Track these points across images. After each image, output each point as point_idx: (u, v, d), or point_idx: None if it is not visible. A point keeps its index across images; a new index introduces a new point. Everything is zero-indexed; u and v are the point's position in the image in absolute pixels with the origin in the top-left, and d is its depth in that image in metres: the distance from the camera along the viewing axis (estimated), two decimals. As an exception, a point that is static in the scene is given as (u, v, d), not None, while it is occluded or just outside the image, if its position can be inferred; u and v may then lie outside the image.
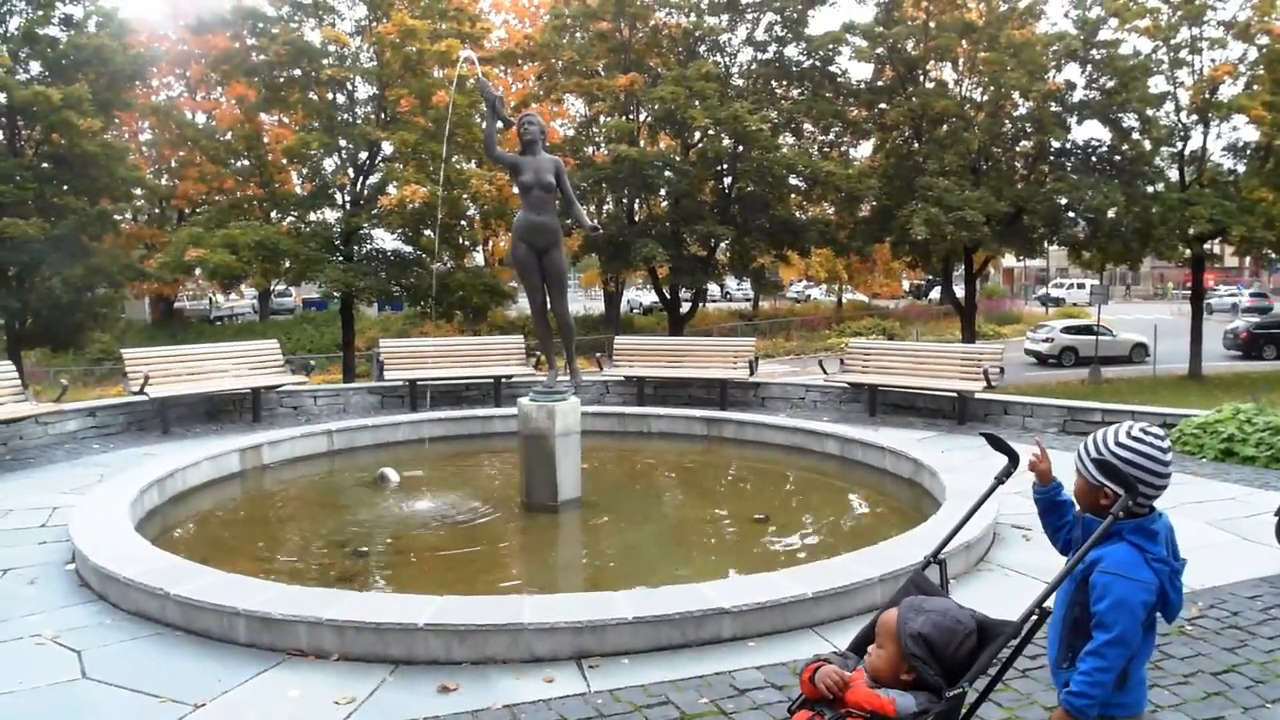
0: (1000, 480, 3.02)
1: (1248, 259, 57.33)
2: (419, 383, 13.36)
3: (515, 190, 8.49)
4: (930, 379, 12.84)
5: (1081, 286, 66.18)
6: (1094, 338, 31.58)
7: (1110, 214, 25.71)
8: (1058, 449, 10.57)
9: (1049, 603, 2.64)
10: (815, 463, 10.33)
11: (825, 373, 14.02)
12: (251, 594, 5.09)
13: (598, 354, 14.58)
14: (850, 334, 41.66)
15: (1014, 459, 3.02)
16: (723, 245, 25.95)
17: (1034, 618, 2.51)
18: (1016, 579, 6.01)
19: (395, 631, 4.67)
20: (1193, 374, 28.79)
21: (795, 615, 5.12)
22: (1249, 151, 26.95)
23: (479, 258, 34.06)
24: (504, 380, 13.55)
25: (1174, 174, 27.53)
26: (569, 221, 9.75)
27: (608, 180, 24.35)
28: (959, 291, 29.90)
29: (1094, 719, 2.57)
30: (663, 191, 25.72)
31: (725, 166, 25.72)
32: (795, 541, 7.40)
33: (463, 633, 4.63)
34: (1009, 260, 51.81)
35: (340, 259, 22.59)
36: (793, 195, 26.19)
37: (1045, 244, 29.40)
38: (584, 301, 51.10)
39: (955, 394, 12.48)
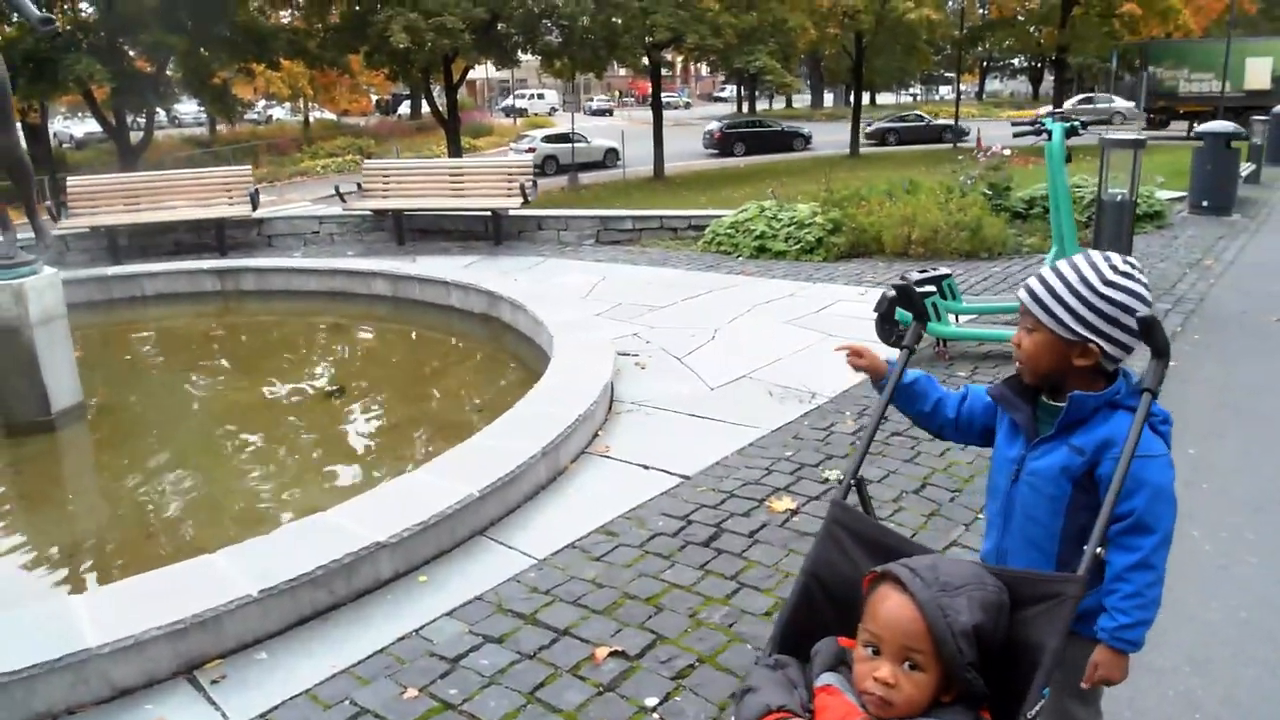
0: (910, 349, 2.11)
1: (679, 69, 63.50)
2: None
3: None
4: (462, 199, 11.84)
5: (541, 97, 68.48)
6: (571, 145, 32.57)
7: (582, 22, 26.01)
8: (605, 261, 10.38)
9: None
10: (366, 308, 8.93)
11: (344, 200, 12.31)
12: None
13: (45, 202, 11.26)
14: (324, 155, 38.82)
15: (922, 316, 2.14)
16: (173, 59, 21.82)
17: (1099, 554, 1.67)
18: (659, 415, 5.40)
19: None
20: (657, 174, 31.14)
21: (463, 524, 3.98)
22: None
23: None
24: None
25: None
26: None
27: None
28: (438, 105, 28.80)
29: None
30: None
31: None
32: (395, 417, 6.14)
33: (-19, 692, 2.82)
34: (472, 72, 51.42)
35: None
36: (253, -3, 22.66)
37: (520, 53, 29.22)
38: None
39: (490, 213, 11.64)
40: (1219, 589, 3.44)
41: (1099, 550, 1.67)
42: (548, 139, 35.10)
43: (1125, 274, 1.83)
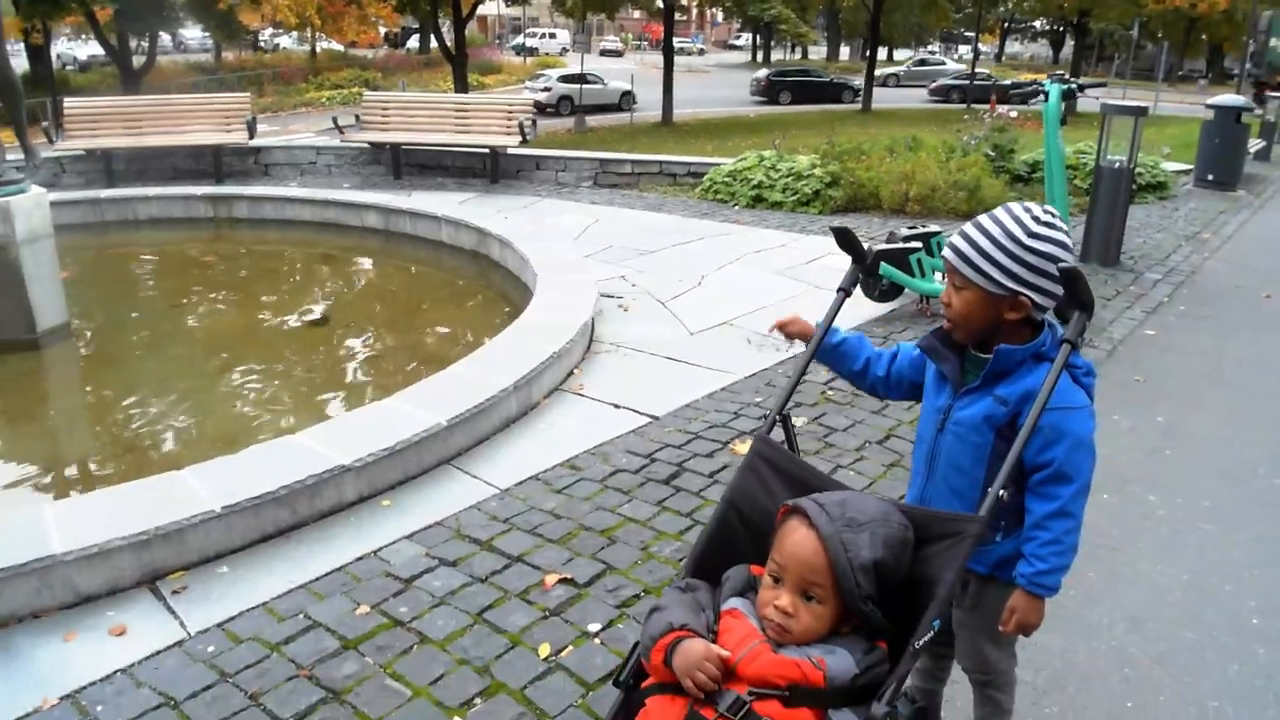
0: (846, 291, 2.14)
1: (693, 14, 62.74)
2: None
3: None
4: (461, 135, 11.75)
5: (553, 36, 67.52)
6: (581, 86, 32.16)
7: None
8: (600, 204, 10.33)
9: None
10: (358, 240, 8.93)
11: (342, 133, 12.23)
12: None
13: (43, 123, 11.18)
14: (330, 87, 38.40)
15: (861, 259, 2.16)
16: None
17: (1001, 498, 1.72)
18: (636, 357, 5.44)
19: None
20: (665, 120, 30.81)
21: (430, 452, 4.04)
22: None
23: None
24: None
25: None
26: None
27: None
28: (445, 40, 28.44)
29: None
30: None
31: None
32: (376, 347, 6.17)
33: (-54, 589, 2.90)
34: (482, 8, 50.60)
35: None
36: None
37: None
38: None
39: (488, 150, 11.57)
40: (1169, 553, 3.49)
41: (1002, 493, 1.71)
42: (564, 79, 34.61)
43: (1048, 224, 1.85)
